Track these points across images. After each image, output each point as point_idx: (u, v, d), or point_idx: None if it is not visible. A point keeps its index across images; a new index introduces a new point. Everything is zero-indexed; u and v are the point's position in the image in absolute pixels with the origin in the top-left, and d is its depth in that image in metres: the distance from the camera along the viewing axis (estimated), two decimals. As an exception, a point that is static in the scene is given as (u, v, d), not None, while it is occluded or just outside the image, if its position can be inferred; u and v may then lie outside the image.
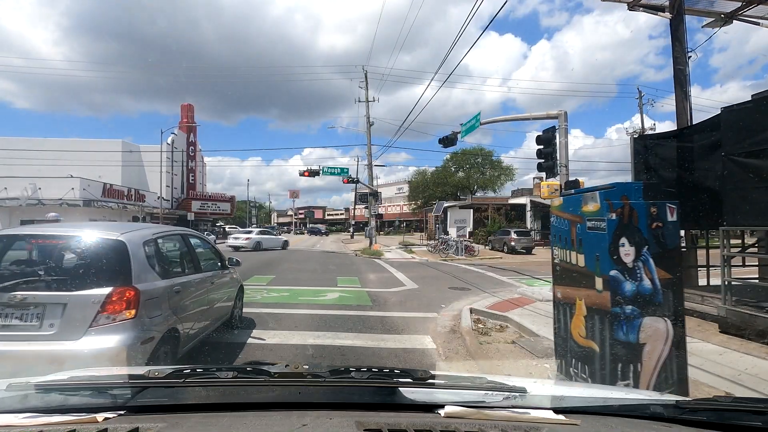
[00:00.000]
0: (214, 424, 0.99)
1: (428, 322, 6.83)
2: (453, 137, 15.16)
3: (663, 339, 2.97)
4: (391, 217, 63.49)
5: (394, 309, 7.78)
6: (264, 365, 1.28)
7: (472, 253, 22.70)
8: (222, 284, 4.96)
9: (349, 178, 25.11)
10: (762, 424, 1.03)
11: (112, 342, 2.76)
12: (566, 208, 3.49)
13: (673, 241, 3.02)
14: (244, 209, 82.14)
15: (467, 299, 9.10)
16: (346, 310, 7.46)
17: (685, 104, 8.33)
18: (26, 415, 1.03)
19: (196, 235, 4.65)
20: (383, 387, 1.19)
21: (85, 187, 30.16)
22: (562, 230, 3.55)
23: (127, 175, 39.23)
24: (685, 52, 8.39)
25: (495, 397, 1.19)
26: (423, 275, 13.46)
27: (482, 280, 12.27)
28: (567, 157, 9.39)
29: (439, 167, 52.61)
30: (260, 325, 6.14)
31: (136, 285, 3.00)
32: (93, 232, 3.19)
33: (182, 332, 3.52)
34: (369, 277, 12.84)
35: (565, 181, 9.28)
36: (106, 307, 2.83)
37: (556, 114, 9.62)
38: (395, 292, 9.77)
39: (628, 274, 2.96)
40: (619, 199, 2.99)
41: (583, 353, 3.27)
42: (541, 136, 9.62)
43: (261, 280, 11.20)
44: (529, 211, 33.49)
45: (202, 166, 54.61)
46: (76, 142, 36.63)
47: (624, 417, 1.14)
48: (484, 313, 7.36)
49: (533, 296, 9.14)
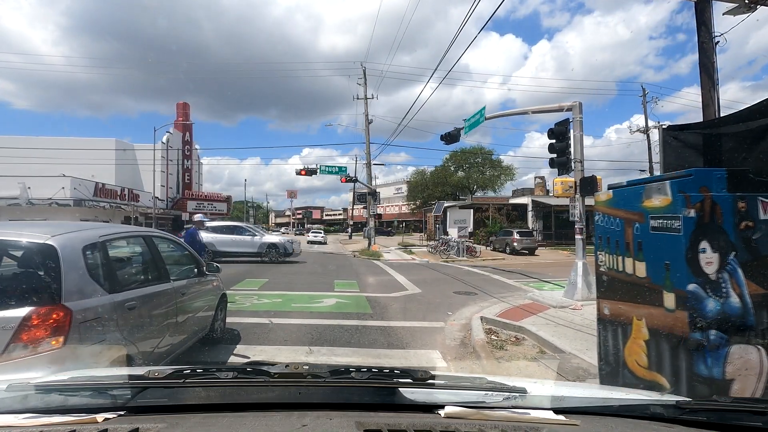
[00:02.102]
0: (214, 424, 0.99)
1: (435, 333, 6.13)
2: (456, 133, 14.47)
3: (756, 374, 2.28)
4: (389, 218, 62.77)
5: (397, 317, 7.08)
6: (264, 365, 1.25)
7: (474, 254, 22.03)
8: (198, 294, 4.25)
9: (347, 177, 24.40)
10: (762, 424, 1.03)
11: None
12: (619, 203, 2.79)
13: (767, 246, 2.34)
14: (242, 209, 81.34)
15: (475, 305, 8.41)
16: (343, 320, 6.76)
17: (713, 94, 7.69)
18: (26, 416, 1.02)
19: (164, 237, 3.93)
20: (383, 387, 1.18)
21: (76, 186, 29.34)
22: (611, 231, 2.85)
23: (121, 174, 38.41)
24: (712, 37, 7.74)
25: (495, 397, 1.18)
26: (425, 278, 12.76)
27: (488, 284, 11.58)
28: (582, 151, 8.71)
29: (438, 167, 51.96)
30: (246, 338, 5.43)
31: (66, 303, 2.29)
32: (15, 234, 2.47)
33: (139, 357, 2.81)
34: (368, 280, 12.13)
35: (580, 178, 8.60)
36: (21, 334, 2.12)
37: (570, 105, 8.95)
38: (396, 298, 9.07)
39: (710, 288, 2.27)
40: (698, 191, 2.30)
41: (643, 388, 2.58)
42: (553, 129, 8.94)
43: (252, 285, 10.47)
44: (530, 211, 32.81)
45: (199, 165, 53.81)
46: (68, 141, 35.74)
47: (624, 417, 1.13)
48: (496, 323, 6.66)
49: (546, 302, 8.46)
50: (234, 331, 5.67)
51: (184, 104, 48.18)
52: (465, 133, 14.14)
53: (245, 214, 76.80)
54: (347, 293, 9.45)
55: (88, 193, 30.45)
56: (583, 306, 7.94)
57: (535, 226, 30.99)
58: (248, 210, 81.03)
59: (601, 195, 2.95)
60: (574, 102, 8.84)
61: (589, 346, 5.09)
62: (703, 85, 7.80)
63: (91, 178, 31.82)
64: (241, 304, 7.77)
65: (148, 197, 37.50)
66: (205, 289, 4.48)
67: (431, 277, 13.27)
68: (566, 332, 5.92)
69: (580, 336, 5.63)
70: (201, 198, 49.09)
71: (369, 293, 9.55)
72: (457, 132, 14.48)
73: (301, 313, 7.14)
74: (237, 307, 7.46)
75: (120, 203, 33.71)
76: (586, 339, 5.45)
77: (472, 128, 13.55)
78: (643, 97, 31.24)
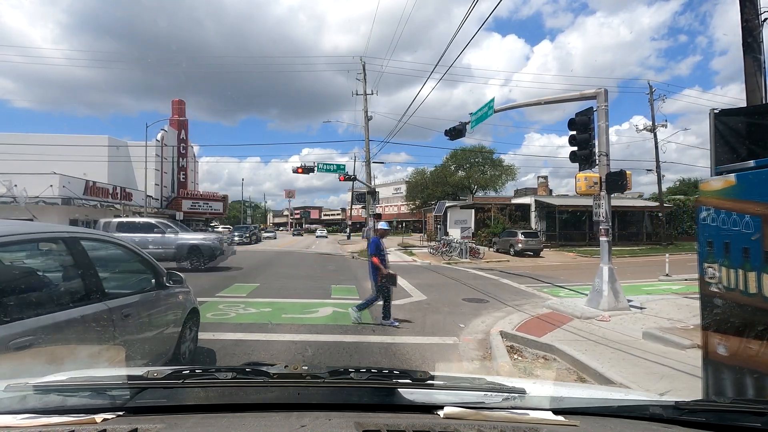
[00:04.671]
0: (213, 424, 0.98)
1: (448, 352, 5.22)
2: (461, 128, 13.57)
3: None
4: (388, 218, 61.80)
5: (402, 331, 6.17)
6: (263, 366, 1.24)
7: (477, 255, 21.09)
8: (156, 311, 3.34)
9: (346, 175, 23.41)
10: (762, 425, 1.01)
11: None
12: (748, 193, 1.88)
13: None
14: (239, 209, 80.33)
15: (488, 315, 7.50)
16: (341, 334, 5.84)
17: (759, 78, 6.82)
18: (25, 416, 1.01)
19: (102, 239, 2.99)
20: (382, 388, 1.17)
21: (65, 184, 28.28)
22: (733, 234, 1.94)
23: (113, 172, 37.38)
24: (758, 13, 6.87)
25: (494, 398, 1.17)
26: (429, 282, 11.84)
27: (498, 289, 10.67)
28: (607, 144, 7.81)
29: (438, 166, 51.03)
30: (222, 361, 4.52)
31: None
32: None
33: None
34: (368, 284, 11.15)
35: (606, 173, 7.70)
36: None
37: (594, 93, 8.06)
38: (401, 306, 8.14)
39: None
40: None
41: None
42: (575, 120, 8.04)
43: (242, 290, 9.53)
44: (533, 211, 31.92)
45: (195, 163, 52.81)
46: (60, 138, 34.66)
47: (623, 418, 1.12)
48: (517, 338, 5.75)
49: (567, 311, 7.56)
50: (208, 351, 4.74)
51: (179, 101, 47.17)
52: (472, 128, 13.26)
53: (242, 214, 75.73)
54: (346, 301, 8.51)
55: (78, 191, 29.41)
56: (611, 317, 7.05)
57: (539, 227, 30.08)
58: (245, 210, 79.98)
59: (712, 182, 2.04)
60: (599, 89, 7.94)
61: (643, 374, 4.17)
62: (747, 69, 6.92)
63: (83, 176, 30.80)
64: (223, 314, 6.84)
65: (141, 196, 36.46)
66: (167, 305, 3.56)
67: (436, 281, 12.35)
68: (604, 352, 5.02)
69: (625, 359, 4.73)
70: (196, 197, 48.08)
71: (369, 300, 8.62)
72: (462, 126, 13.60)
73: (293, 327, 6.20)
74: (219, 319, 6.53)
75: (112, 202, 32.67)
76: (635, 363, 4.55)
77: (479, 122, 12.66)
78: (650, 95, 30.39)
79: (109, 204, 32.14)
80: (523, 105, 10.58)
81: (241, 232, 36.34)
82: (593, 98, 8.10)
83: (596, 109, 7.90)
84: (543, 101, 10.13)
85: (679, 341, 5.18)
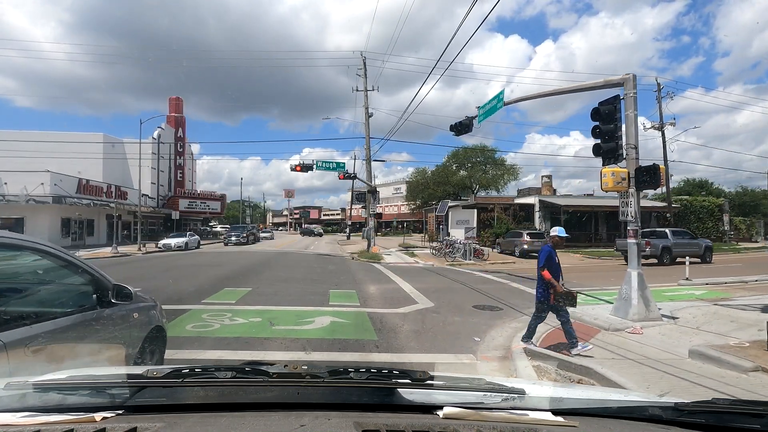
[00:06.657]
0: (213, 424, 0.96)
1: (466, 373, 4.44)
2: (468, 122, 12.80)
3: None
4: (388, 218, 61.07)
5: (410, 346, 5.38)
6: (263, 365, 1.23)
7: (481, 256, 20.32)
8: (96, 336, 2.55)
9: (345, 174, 22.69)
10: (761, 426, 0.99)
11: None
12: None
13: None
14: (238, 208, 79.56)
15: (505, 326, 6.72)
16: (339, 351, 5.05)
17: None
18: (24, 414, 1.00)
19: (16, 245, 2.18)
20: (382, 388, 1.16)
21: (57, 182, 27.47)
22: None
23: (109, 170, 36.56)
24: None
25: (494, 398, 1.16)
26: (435, 286, 11.04)
27: (509, 294, 9.87)
28: (636, 135, 7.03)
29: (439, 166, 50.22)
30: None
31: None
32: None
33: None
34: (369, 289, 10.39)
35: (635, 168, 6.92)
36: None
37: (620, 80, 7.27)
38: (406, 315, 7.35)
39: None
40: None
41: None
42: (599, 109, 7.23)
43: (231, 296, 8.72)
44: (538, 211, 31.14)
45: (193, 162, 52.00)
46: (54, 135, 33.82)
47: (622, 419, 1.11)
48: (543, 356, 4.97)
49: (592, 322, 6.78)
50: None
51: (176, 98, 46.38)
52: (480, 122, 12.49)
53: (241, 213, 74.91)
54: (345, 309, 7.72)
55: (70, 189, 28.60)
56: (644, 329, 6.27)
57: (543, 227, 29.30)
58: (244, 209, 79.15)
59: None
60: (627, 75, 7.16)
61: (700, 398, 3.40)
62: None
63: (78, 175, 30.01)
64: (206, 326, 6.04)
65: (137, 195, 35.67)
66: (114, 326, 2.77)
67: (442, 285, 11.56)
68: (650, 377, 4.23)
69: (679, 385, 3.94)
70: (194, 196, 47.28)
71: (372, 308, 7.83)
72: (469, 121, 12.83)
73: (284, 342, 5.41)
74: (200, 332, 5.74)
75: (106, 201, 31.85)
76: (692, 392, 3.76)
77: (488, 115, 11.88)
78: (657, 92, 29.61)
79: (104, 203, 31.37)
80: (537, 96, 9.80)
81: (239, 232, 35.42)
82: (618, 85, 7.31)
83: (623, 96, 7.12)
84: (562, 91, 9.35)
85: (738, 362, 4.40)
